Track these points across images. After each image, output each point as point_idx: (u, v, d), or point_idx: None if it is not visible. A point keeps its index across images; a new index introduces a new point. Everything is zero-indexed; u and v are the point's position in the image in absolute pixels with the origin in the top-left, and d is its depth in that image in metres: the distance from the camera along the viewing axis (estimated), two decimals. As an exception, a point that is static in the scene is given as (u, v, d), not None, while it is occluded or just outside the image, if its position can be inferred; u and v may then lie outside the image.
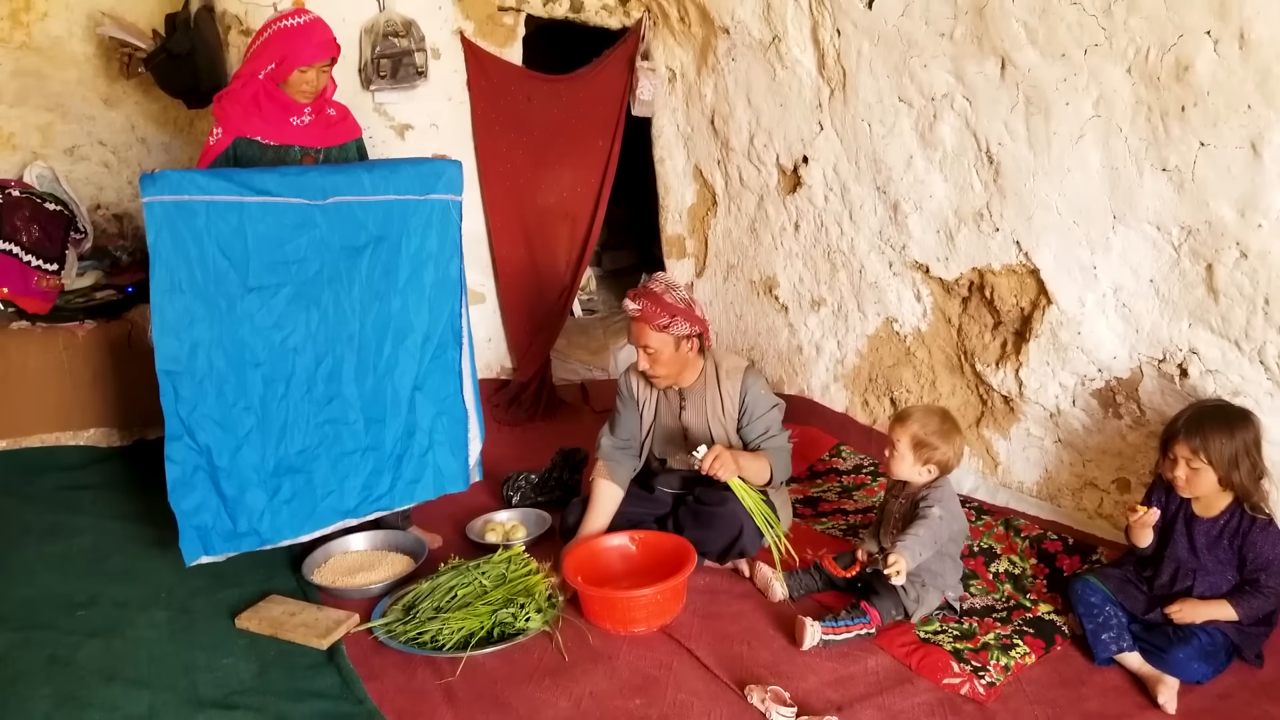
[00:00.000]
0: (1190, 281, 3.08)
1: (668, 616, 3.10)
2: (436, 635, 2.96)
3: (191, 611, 3.19)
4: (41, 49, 4.75)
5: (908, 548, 2.87)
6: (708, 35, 4.78)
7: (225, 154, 3.39)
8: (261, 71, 3.35)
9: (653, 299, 3.31)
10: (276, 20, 3.37)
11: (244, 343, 3.16)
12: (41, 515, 3.89)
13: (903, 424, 3.10)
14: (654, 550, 3.32)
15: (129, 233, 5.18)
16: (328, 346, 3.31)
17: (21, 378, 4.33)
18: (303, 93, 3.42)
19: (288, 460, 3.26)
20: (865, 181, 4.13)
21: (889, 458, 3.13)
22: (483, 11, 4.84)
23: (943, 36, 3.57)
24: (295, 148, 3.48)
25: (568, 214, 5.24)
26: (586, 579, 3.11)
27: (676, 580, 3.07)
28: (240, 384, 3.16)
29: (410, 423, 3.48)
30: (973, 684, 2.70)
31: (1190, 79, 2.85)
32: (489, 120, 4.95)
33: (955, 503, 3.12)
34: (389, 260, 3.39)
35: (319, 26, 3.38)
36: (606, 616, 3.07)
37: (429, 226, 3.45)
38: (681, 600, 3.16)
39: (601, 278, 7.23)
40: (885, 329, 4.31)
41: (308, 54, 3.34)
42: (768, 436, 3.42)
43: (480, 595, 3.10)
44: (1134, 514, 2.84)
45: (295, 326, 3.25)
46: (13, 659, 2.91)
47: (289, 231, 3.20)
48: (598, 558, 3.32)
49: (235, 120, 3.38)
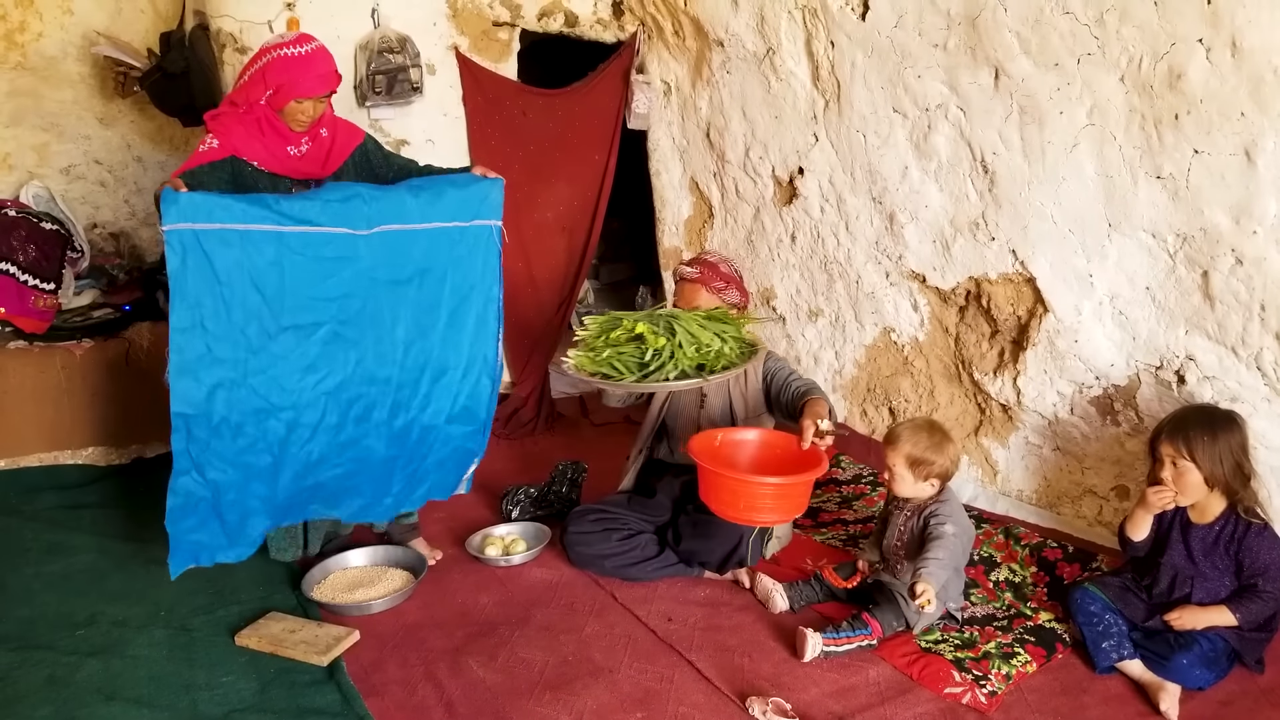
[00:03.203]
0: (1186, 288, 3.09)
1: (793, 514, 3.09)
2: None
3: (191, 630, 3.18)
4: (37, 69, 4.76)
5: (931, 573, 2.84)
6: (702, 48, 4.80)
7: (220, 164, 3.15)
8: (261, 98, 3.15)
9: (709, 266, 3.51)
10: (277, 46, 3.13)
11: (271, 386, 2.91)
12: (40, 534, 3.88)
13: (894, 446, 3.09)
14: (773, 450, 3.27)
15: (125, 251, 5.18)
16: (362, 389, 3.08)
17: (19, 397, 4.32)
18: (298, 122, 3.22)
19: (299, 495, 3.08)
20: (861, 192, 4.14)
21: (889, 481, 3.13)
22: (477, 27, 4.86)
23: (936, 47, 3.58)
24: (288, 179, 3.28)
25: (565, 227, 5.25)
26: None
27: (809, 475, 2.98)
28: (260, 428, 2.92)
29: (429, 452, 3.30)
30: (974, 693, 2.70)
31: (1183, 87, 2.86)
32: (485, 135, 4.96)
33: (963, 515, 3.12)
34: (434, 294, 3.16)
35: (321, 57, 3.16)
36: (730, 504, 3.00)
37: (473, 255, 3.22)
38: (803, 504, 3.10)
39: (599, 290, 7.25)
40: (883, 339, 4.31)
41: (306, 86, 3.13)
42: (802, 380, 3.44)
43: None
44: (1157, 494, 2.79)
45: (331, 369, 3.01)
46: (12, 679, 2.90)
47: (330, 265, 2.94)
48: (720, 449, 3.26)
49: (236, 139, 3.18)
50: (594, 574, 3.46)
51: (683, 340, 3.10)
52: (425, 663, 2.94)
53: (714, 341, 3.14)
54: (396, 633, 3.12)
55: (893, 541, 3.13)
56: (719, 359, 3.14)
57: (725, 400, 3.53)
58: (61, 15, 4.72)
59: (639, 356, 3.13)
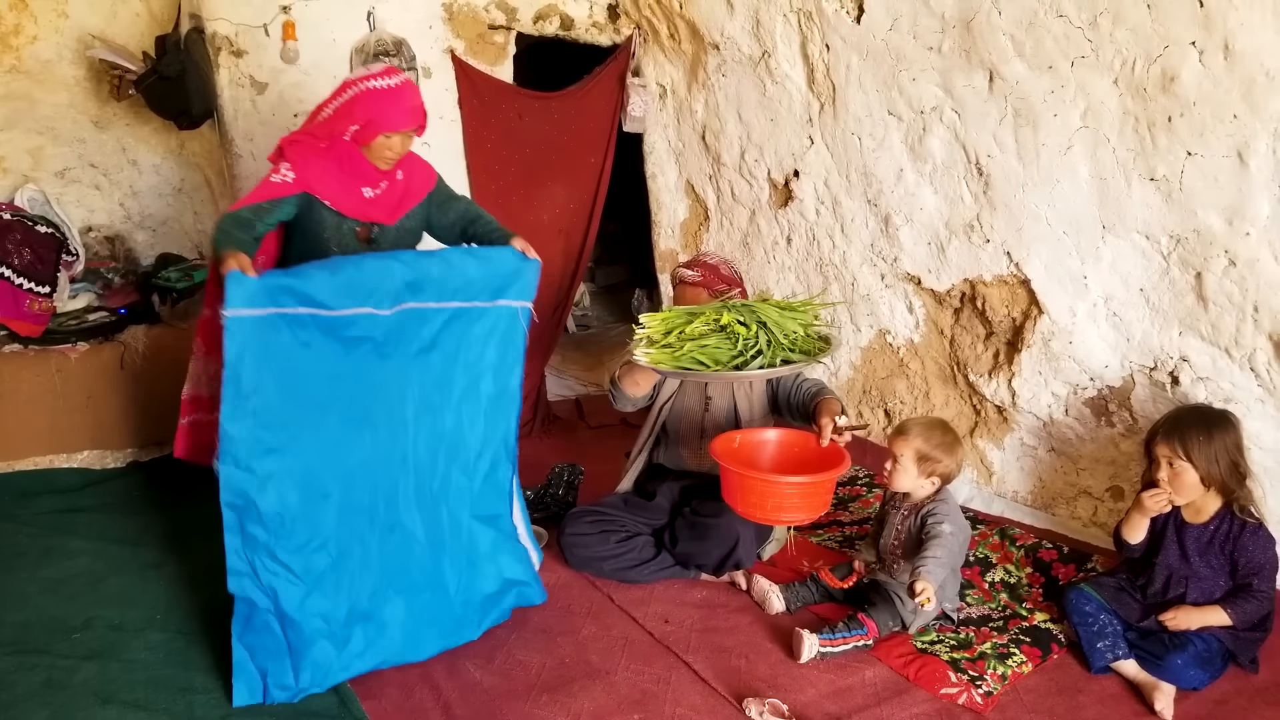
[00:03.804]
0: (1180, 290, 3.10)
1: (819, 511, 3.06)
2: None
3: (188, 633, 3.17)
4: (31, 72, 4.75)
5: (930, 571, 2.84)
6: (698, 51, 4.81)
7: (291, 200, 3.03)
8: (346, 133, 3.02)
9: (710, 269, 3.46)
10: (364, 79, 3.00)
11: (313, 472, 2.77)
12: (36, 539, 3.88)
13: (905, 437, 3.09)
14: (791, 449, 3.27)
15: (121, 255, 5.17)
16: (383, 469, 2.91)
17: (14, 401, 4.31)
18: (384, 159, 3.10)
19: (359, 605, 2.86)
20: (856, 195, 4.15)
21: (890, 471, 3.12)
22: (473, 30, 4.87)
23: (931, 50, 3.59)
24: (354, 222, 3.15)
25: (561, 230, 5.25)
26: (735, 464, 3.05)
27: (830, 474, 2.97)
28: (311, 520, 2.77)
29: (471, 553, 3.08)
30: (970, 694, 2.71)
31: (1176, 89, 2.87)
32: (481, 138, 4.97)
33: (960, 515, 3.13)
34: (443, 371, 2.97)
35: (409, 91, 3.04)
36: (758, 505, 2.99)
37: (491, 335, 3.03)
38: (828, 501, 3.08)
39: (595, 293, 7.26)
40: (878, 341, 4.33)
41: (396, 120, 3.01)
42: (811, 381, 3.43)
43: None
44: (1153, 497, 2.80)
45: (354, 447, 2.85)
46: (9, 683, 2.89)
47: (353, 341, 2.79)
48: (741, 449, 3.24)
49: (312, 176, 3.03)
50: (591, 576, 3.46)
51: (772, 329, 3.04)
52: (422, 665, 2.94)
53: (798, 330, 3.09)
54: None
55: (890, 541, 3.14)
56: (803, 346, 3.08)
57: (730, 403, 3.53)
58: (56, 18, 4.71)
59: (728, 348, 3.03)
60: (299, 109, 4.50)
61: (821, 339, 3.14)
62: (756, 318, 3.05)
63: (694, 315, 3.11)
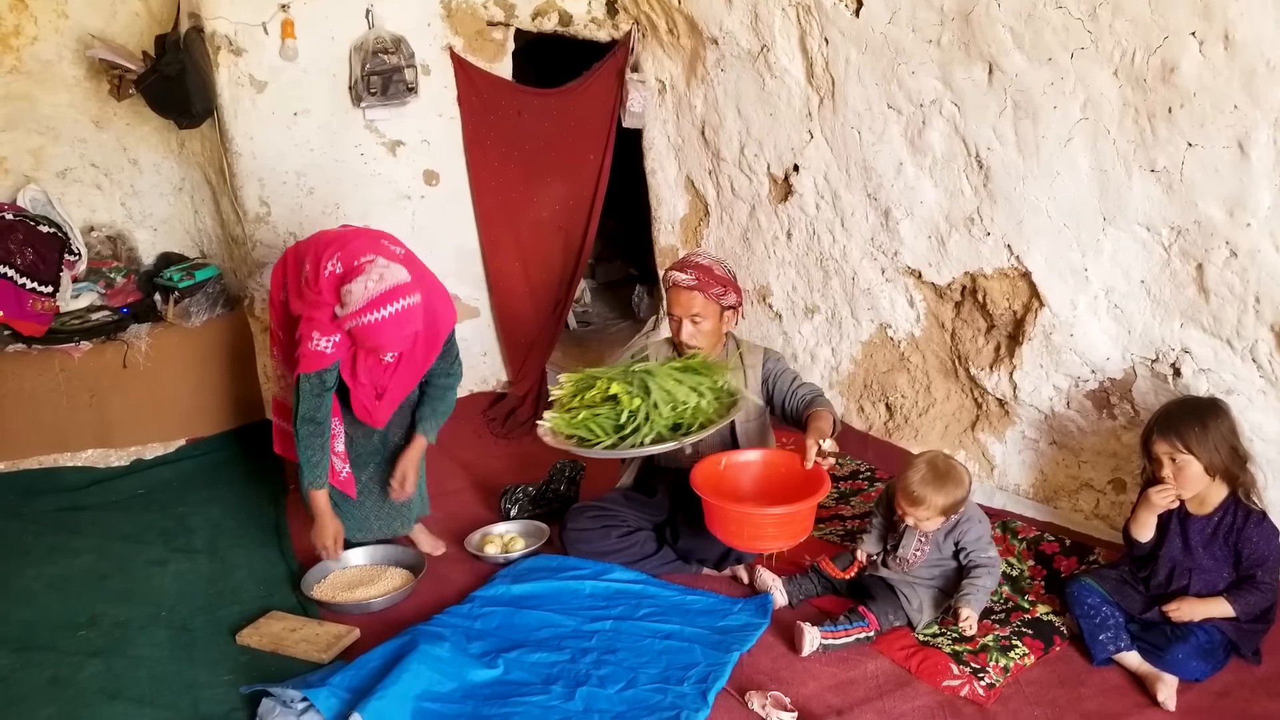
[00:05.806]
0: (1181, 281, 3.10)
1: (798, 538, 3.08)
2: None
3: (192, 629, 3.19)
4: (32, 73, 4.75)
5: (977, 600, 2.89)
6: (696, 46, 4.81)
7: (329, 372, 3.16)
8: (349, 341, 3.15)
9: (703, 271, 3.38)
10: (358, 314, 2.97)
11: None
12: (40, 536, 3.89)
13: (923, 505, 2.96)
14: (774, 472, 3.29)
15: (123, 254, 5.17)
16: None
17: (18, 400, 4.33)
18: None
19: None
20: (856, 189, 4.15)
21: (924, 544, 3.07)
22: (472, 27, 4.87)
23: (930, 43, 3.59)
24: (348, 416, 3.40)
25: (561, 227, 5.26)
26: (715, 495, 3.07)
27: (811, 501, 3.00)
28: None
29: None
30: (972, 686, 2.71)
31: (1177, 80, 2.87)
32: (480, 135, 4.97)
33: (983, 516, 3.15)
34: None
35: (408, 317, 3.04)
36: (736, 535, 3.04)
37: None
38: (808, 528, 3.12)
39: (595, 290, 7.25)
40: (879, 335, 4.33)
41: (394, 345, 3.13)
42: (806, 387, 3.42)
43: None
44: (1160, 493, 2.80)
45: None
46: (14, 680, 2.91)
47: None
48: (722, 476, 3.26)
49: (343, 354, 3.18)
50: (593, 571, 3.46)
51: (658, 400, 3.05)
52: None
53: (690, 398, 3.09)
54: (396, 631, 3.12)
55: (910, 553, 3.09)
56: (696, 416, 3.11)
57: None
58: (56, 19, 4.72)
59: (614, 418, 3.10)
60: (298, 107, 4.51)
61: (728, 395, 3.16)
62: (644, 385, 3.08)
63: (593, 380, 3.16)
